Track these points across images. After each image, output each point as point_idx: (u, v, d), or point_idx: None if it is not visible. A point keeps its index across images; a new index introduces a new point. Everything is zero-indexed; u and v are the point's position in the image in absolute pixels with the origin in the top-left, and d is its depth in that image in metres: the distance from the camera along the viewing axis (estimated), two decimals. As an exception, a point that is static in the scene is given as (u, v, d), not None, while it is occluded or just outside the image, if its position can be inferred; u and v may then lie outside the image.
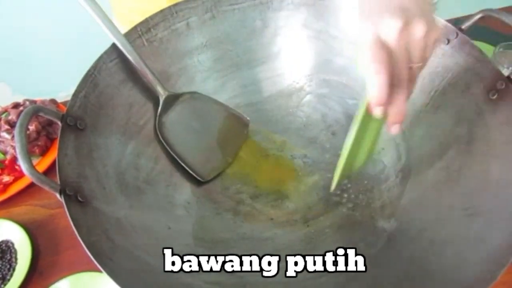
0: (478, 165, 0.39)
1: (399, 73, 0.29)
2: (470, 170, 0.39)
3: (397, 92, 0.30)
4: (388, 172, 0.47)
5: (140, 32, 0.46)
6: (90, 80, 0.41)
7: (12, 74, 1.41)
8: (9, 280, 0.47)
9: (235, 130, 0.51)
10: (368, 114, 0.33)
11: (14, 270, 0.48)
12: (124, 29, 0.46)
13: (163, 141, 0.46)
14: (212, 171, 0.48)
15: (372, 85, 0.29)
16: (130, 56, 0.43)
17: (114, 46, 0.44)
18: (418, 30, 0.28)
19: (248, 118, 0.52)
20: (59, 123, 0.37)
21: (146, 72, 0.44)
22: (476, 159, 0.39)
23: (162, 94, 0.46)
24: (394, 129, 0.32)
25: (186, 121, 0.48)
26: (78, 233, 0.31)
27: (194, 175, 0.47)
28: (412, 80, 0.31)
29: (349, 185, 0.48)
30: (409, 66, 0.29)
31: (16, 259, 0.49)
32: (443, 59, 0.44)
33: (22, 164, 0.31)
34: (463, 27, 0.42)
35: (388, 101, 0.29)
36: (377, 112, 0.31)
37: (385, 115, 0.32)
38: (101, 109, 0.42)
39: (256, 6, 0.51)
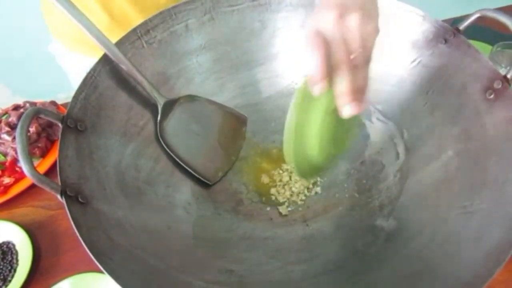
0: (475, 164, 0.39)
1: (339, 59, 0.31)
2: (467, 169, 0.39)
3: (339, 75, 0.32)
4: (386, 172, 0.47)
5: (139, 34, 0.47)
6: (90, 82, 0.42)
7: (12, 76, 1.41)
8: (10, 281, 0.47)
9: (234, 128, 0.52)
10: (308, 94, 0.34)
11: (15, 271, 0.48)
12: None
13: (166, 148, 0.46)
14: (217, 172, 0.49)
15: (309, 66, 0.31)
16: (123, 65, 0.43)
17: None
18: (353, 20, 0.31)
19: (245, 115, 0.52)
20: (60, 124, 0.37)
21: (142, 80, 0.44)
22: (474, 158, 0.39)
23: (160, 101, 0.46)
24: (345, 111, 0.33)
25: (186, 125, 0.49)
26: (79, 233, 0.31)
27: (202, 179, 0.47)
28: (359, 67, 0.32)
29: (348, 185, 0.48)
30: (350, 53, 0.31)
31: (17, 260, 0.49)
32: (440, 59, 0.44)
33: (23, 165, 0.32)
34: (460, 27, 0.42)
35: (327, 81, 0.31)
36: (315, 90, 0.32)
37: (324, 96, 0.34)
38: (101, 110, 0.42)
39: (255, 7, 0.51)
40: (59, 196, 0.33)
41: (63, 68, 0.75)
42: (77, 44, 0.67)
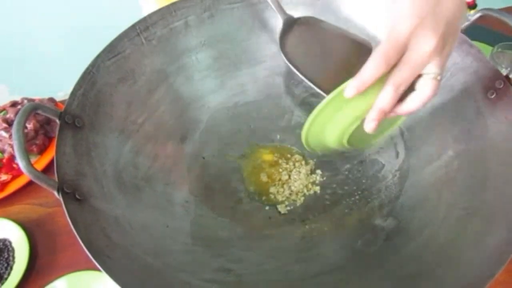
0: (476, 164, 0.39)
1: (400, 75, 0.29)
2: (468, 169, 0.39)
3: (388, 88, 0.30)
4: (386, 171, 0.47)
5: (139, 30, 0.46)
6: (88, 78, 0.41)
7: (10, 74, 1.40)
8: (6, 279, 0.47)
9: (357, 58, 0.43)
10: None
11: (11, 269, 0.48)
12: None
13: (288, 63, 0.44)
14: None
15: (365, 67, 0.30)
16: None
17: (111, 44, 0.44)
18: (444, 51, 0.29)
19: (370, 42, 0.45)
20: (57, 121, 0.37)
21: None
22: (475, 158, 0.39)
23: (282, 16, 0.45)
24: (368, 126, 0.31)
25: (307, 45, 0.46)
26: (76, 230, 0.31)
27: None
28: (417, 91, 0.30)
29: (347, 184, 0.48)
30: (418, 73, 0.30)
31: (13, 257, 0.49)
32: (441, 58, 0.44)
33: (20, 162, 0.31)
34: (462, 26, 0.42)
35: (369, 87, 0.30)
36: (348, 92, 0.31)
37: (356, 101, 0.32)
38: (99, 107, 0.42)
39: (255, 5, 0.51)
40: (56, 193, 0.33)
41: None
42: None
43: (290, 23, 0.46)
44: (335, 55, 0.45)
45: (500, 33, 0.73)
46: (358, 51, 0.45)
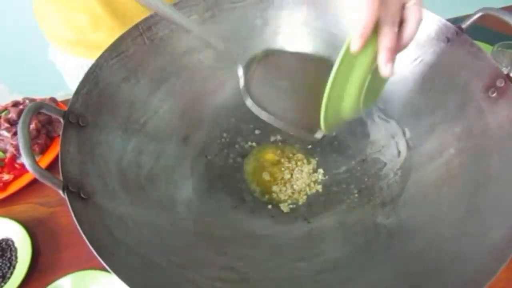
0: (478, 162, 0.39)
1: (390, 11, 0.31)
2: (470, 167, 0.40)
3: (386, 28, 0.31)
4: (387, 170, 0.47)
5: (141, 30, 0.46)
6: (92, 77, 0.41)
7: (9, 73, 1.40)
8: (9, 278, 0.47)
9: (319, 75, 0.42)
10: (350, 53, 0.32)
11: (14, 268, 0.48)
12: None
13: (260, 110, 0.40)
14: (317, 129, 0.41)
15: (359, 18, 0.30)
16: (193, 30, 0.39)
17: (114, 44, 0.44)
18: None
19: (328, 56, 0.43)
20: (62, 120, 0.37)
21: (216, 43, 0.39)
22: (476, 156, 0.39)
23: (240, 63, 0.41)
24: (386, 70, 0.32)
25: (272, 83, 0.43)
26: (81, 228, 0.31)
27: (308, 136, 0.41)
28: (407, 20, 0.32)
29: (349, 183, 0.48)
30: (403, 4, 0.31)
31: (16, 257, 0.49)
32: (442, 57, 0.44)
33: (25, 160, 0.31)
34: (463, 25, 0.42)
35: (371, 35, 0.31)
36: (355, 45, 0.31)
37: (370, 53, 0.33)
38: (103, 106, 0.42)
39: (257, 4, 0.51)
40: (61, 192, 0.33)
41: (62, 72, 0.75)
42: (74, 47, 0.67)
43: (249, 66, 0.42)
44: (302, 81, 0.44)
45: (500, 33, 0.73)
46: (322, 69, 0.42)
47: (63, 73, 0.76)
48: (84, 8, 0.58)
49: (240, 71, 0.41)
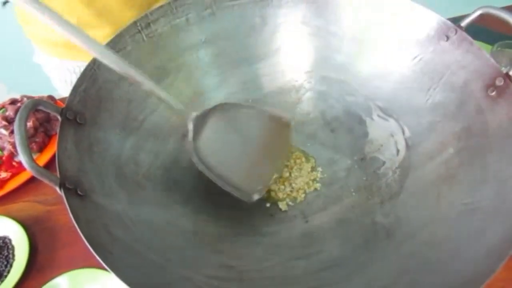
0: (477, 160, 0.39)
1: None
2: (469, 166, 0.39)
3: None
4: (386, 168, 0.47)
5: (140, 27, 0.46)
6: (90, 74, 0.41)
7: (8, 72, 1.40)
8: (6, 276, 0.47)
9: (276, 134, 0.46)
10: None
11: (11, 266, 0.48)
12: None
13: (201, 168, 0.42)
14: (258, 191, 0.44)
15: None
16: (142, 81, 0.37)
17: (113, 41, 0.44)
18: None
19: (288, 117, 0.46)
20: (59, 117, 0.37)
21: (164, 96, 0.39)
22: (475, 155, 0.39)
23: (190, 116, 0.41)
24: None
25: (223, 139, 0.43)
26: (78, 226, 0.31)
27: (241, 197, 0.43)
28: None
29: (348, 181, 0.48)
30: None
31: (13, 255, 0.49)
32: (442, 56, 0.44)
33: (22, 157, 0.31)
34: (462, 24, 0.42)
35: None
36: None
37: None
38: (101, 103, 0.42)
39: (256, 3, 0.51)
40: (58, 189, 0.33)
41: (48, 75, 0.76)
42: (60, 49, 0.67)
43: (201, 119, 0.42)
44: (253, 141, 0.44)
45: (499, 33, 0.73)
46: (276, 127, 0.45)
47: (50, 76, 0.76)
48: (69, 10, 0.58)
49: (190, 126, 0.41)
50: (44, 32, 0.65)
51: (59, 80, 0.75)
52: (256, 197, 0.43)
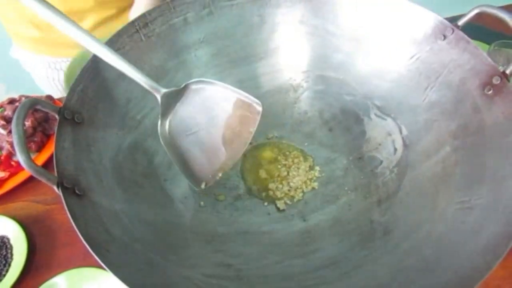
0: (474, 159, 0.39)
1: None
2: (466, 164, 0.40)
3: None
4: (384, 167, 0.47)
5: (138, 27, 0.46)
6: (88, 74, 0.41)
7: (7, 72, 1.40)
8: (4, 275, 0.47)
9: (244, 120, 0.46)
10: None
11: (9, 265, 0.48)
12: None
13: (163, 145, 0.43)
14: (212, 176, 0.46)
15: None
16: (116, 64, 0.39)
17: (111, 40, 0.44)
18: None
19: (259, 102, 0.46)
20: (57, 116, 0.37)
21: (136, 75, 0.40)
22: (472, 153, 0.39)
23: (157, 93, 0.41)
24: None
25: (190, 118, 0.44)
26: (76, 225, 0.31)
27: (191, 183, 0.45)
28: None
29: (345, 180, 0.48)
30: None
31: (11, 254, 0.49)
32: (439, 55, 0.44)
33: (20, 156, 0.31)
34: (459, 23, 0.42)
35: None
36: None
37: None
38: (99, 103, 0.42)
39: (254, 2, 0.51)
40: (55, 188, 0.33)
41: (27, 70, 0.76)
42: (37, 45, 0.67)
43: (172, 96, 0.43)
44: (219, 123, 0.45)
45: (496, 32, 0.73)
46: (243, 113, 0.46)
47: (29, 71, 0.76)
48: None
49: (159, 102, 0.42)
50: (21, 27, 0.65)
51: (40, 76, 0.75)
52: (203, 185, 0.44)
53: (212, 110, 0.45)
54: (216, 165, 0.46)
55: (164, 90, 0.42)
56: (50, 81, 0.78)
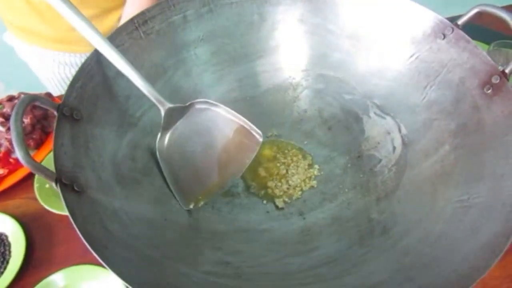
0: (473, 158, 0.39)
1: None
2: (465, 163, 0.40)
3: None
4: (383, 166, 0.47)
5: (137, 24, 0.46)
6: (87, 71, 0.41)
7: (5, 70, 1.39)
8: (2, 273, 0.47)
9: (242, 147, 0.46)
10: None
11: (7, 263, 0.48)
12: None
13: (159, 159, 0.44)
14: (197, 200, 0.45)
15: None
16: (124, 70, 0.40)
17: (110, 38, 0.43)
18: None
19: (260, 134, 0.47)
20: (55, 113, 0.37)
21: (143, 86, 0.41)
22: (471, 152, 0.39)
23: (162, 107, 0.42)
24: None
25: (190, 136, 0.44)
26: (74, 221, 0.31)
27: (178, 201, 0.44)
28: None
29: (344, 179, 0.48)
30: None
31: (10, 252, 0.49)
32: (438, 54, 0.44)
33: (18, 152, 0.31)
34: (459, 22, 0.42)
35: None
36: None
37: None
38: (98, 100, 0.41)
39: (254, 0, 0.51)
40: (54, 184, 0.33)
41: (28, 71, 0.76)
42: (26, 35, 0.67)
43: (178, 112, 0.43)
44: (217, 147, 0.45)
45: (496, 32, 0.73)
46: (242, 141, 0.46)
47: (26, 61, 0.77)
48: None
49: (163, 116, 0.43)
50: (23, 20, 0.65)
51: (33, 63, 0.75)
52: (191, 206, 0.44)
53: (213, 132, 0.45)
54: (206, 186, 0.46)
55: (169, 105, 0.43)
56: (49, 71, 0.79)
